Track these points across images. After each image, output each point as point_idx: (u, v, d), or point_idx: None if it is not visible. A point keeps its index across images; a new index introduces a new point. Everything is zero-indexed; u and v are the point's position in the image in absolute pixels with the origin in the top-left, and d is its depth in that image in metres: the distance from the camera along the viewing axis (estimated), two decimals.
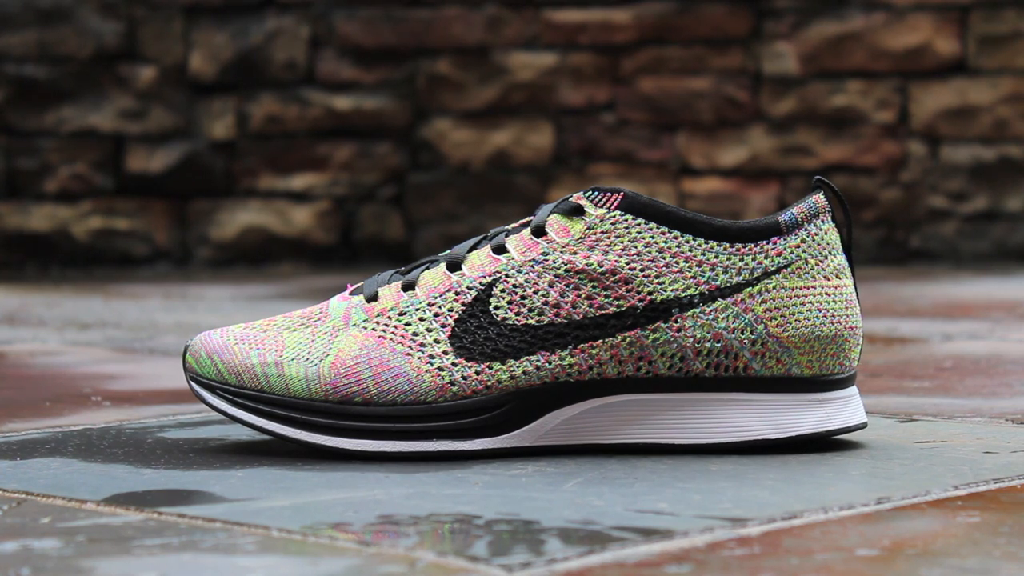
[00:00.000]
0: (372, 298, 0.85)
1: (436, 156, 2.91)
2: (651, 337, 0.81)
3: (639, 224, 0.82)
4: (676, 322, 0.82)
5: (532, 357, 0.81)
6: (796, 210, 0.84)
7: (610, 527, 0.64)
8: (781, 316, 0.82)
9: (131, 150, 2.93)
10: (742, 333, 0.82)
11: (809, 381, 0.83)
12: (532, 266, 0.82)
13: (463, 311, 0.82)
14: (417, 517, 0.67)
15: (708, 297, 0.82)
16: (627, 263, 0.82)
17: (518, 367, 0.81)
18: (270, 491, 0.73)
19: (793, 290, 0.83)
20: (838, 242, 0.85)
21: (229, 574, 0.58)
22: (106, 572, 0.58)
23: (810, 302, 0.83)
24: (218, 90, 2.93)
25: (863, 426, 0.85)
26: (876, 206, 2.86)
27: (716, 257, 0.82)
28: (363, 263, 2.89)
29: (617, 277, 0.81)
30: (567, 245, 0.82)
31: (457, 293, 0.83)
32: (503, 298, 0.82)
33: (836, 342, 0.84)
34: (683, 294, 0.82)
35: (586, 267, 0.82)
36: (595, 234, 0.82)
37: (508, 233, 0.85)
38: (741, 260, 0.83)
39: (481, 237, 0.85)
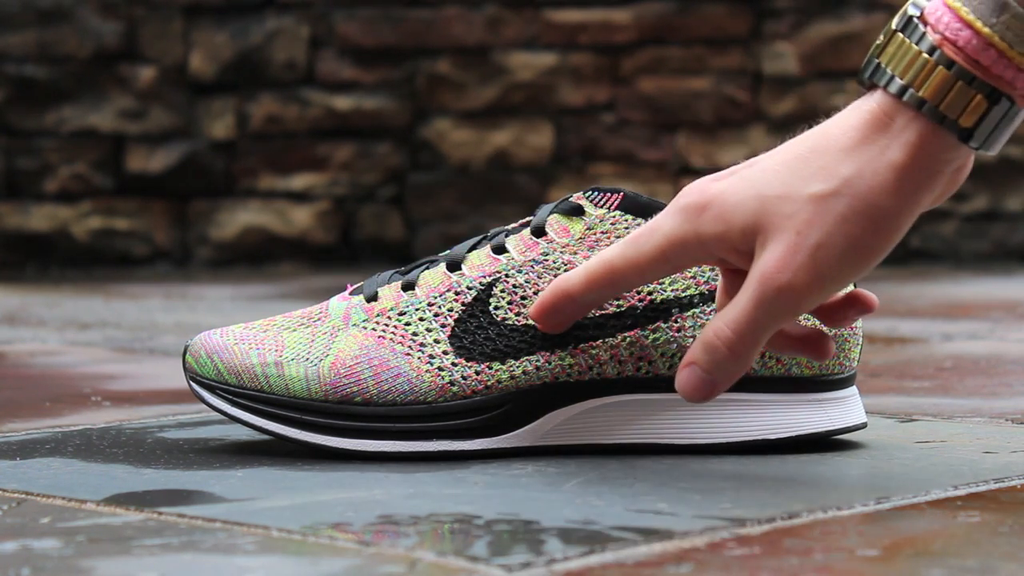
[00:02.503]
0: (372, 298, 0.85)
1: (436, 156, 2.91)
2: (651, 337, 0.81)
3: (639, 224, 0.82)
4: (676, 322, 0.82)
5: (532, 357, 0.81)
6: None
7: (610, 527, 0.64)
8: None
9: (131, 150, 2.93)
10: None
11: (809, 381, 0.83)
12: (532, 266, 0.82)
13: (463, 311, 0.82)
14: (417, 517, 0.67)
15: (708, 297, 0.82)
16: None
17: (518, 367, 0.81)
18: (270, 491, 0.73)
19: None
20: None
21: (229, 574, 0.58)
22: (106, 572, 0.58)
23: None
24: (218, 90, 2.93)
25: (863, 426, 0.85)
26: None
27: None
28: (363, 263, 2.90)
29: None
30: (567, 245, 0.82)
31: (457, 293, 0.83)
32: (503, 298, 0.82)
33: (836, 342, 0.84)
34: (683, 294, 0.82)
35: None
36: (595, 234, 0.82)
37: (508, 233, 0.85)
38: None
39: (481, 237, 0.85)
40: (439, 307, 0.83)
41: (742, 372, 0.71)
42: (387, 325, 0.83)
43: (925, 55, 0.67)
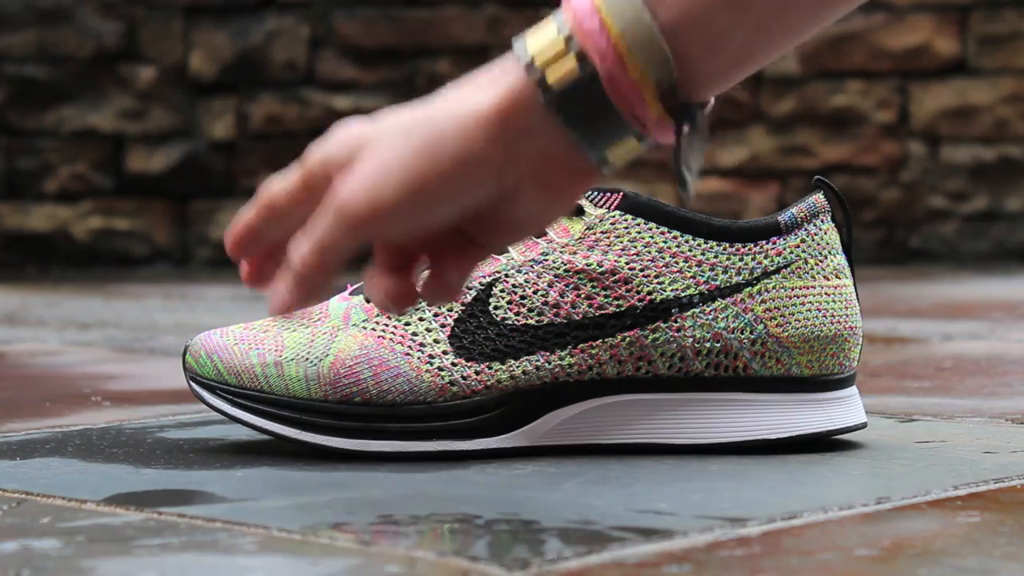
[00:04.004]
0: None
1: None
2: (651, 337, 0.81)
3: (639, 224, 0.82)
4: (676, 322, 0.82)
5: (532, 357, 0.81)
6: (796, 210, 0.84)
7: (610, 527, 0.64)
8: (781, 316, 0.82)
9: (131, 150, 2.93)
10: (742, 333, 0.82)
11: (809, 381, 0.83)
12: (532, 266, 0.82)
13: (463, 311, 0.82)
14: (417, 517, 0.67)
15: (708, 297, 0.82)
16: (627, 263, 0.82)
17: (518, 367, 0.81)
18: (270, 491, 0.73)
19: (793, 290, 0.83)
20: (838, 242, 0.85)
21: (229, 574, 0.58)
22: (106, 572, 0.58)
23: (810, 302, 0.83)
24: (218, 90, 2.93)
25: (863, 426, 0.85)
26: (876, 206, 2.86)
27: (716, 257, 0.82)
28: (363, 264, 2.89)
29: (617, 277, 0.82)
30: (567, 245, 0.82)
31: None
32: (503, 298, 0.82)
33: (836, 342, 0.84)
34: (683, 294, 0.82)
35: (586, 267, 0.82)
36: (595, 234, 0.82)
37: None
38: (741, 260, 0.83)
39: None
40: (439, 307, 0.83)
41: (310, 288, 0.71)
42: (387, 325, 0.83)
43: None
